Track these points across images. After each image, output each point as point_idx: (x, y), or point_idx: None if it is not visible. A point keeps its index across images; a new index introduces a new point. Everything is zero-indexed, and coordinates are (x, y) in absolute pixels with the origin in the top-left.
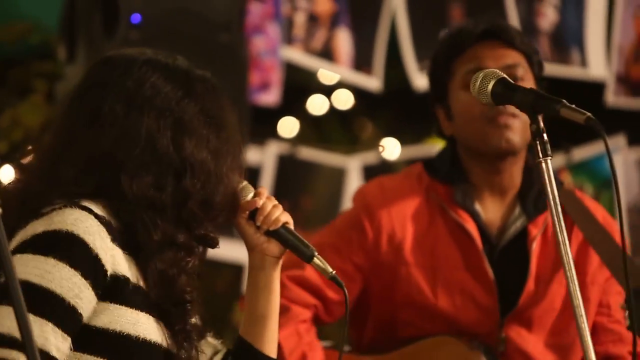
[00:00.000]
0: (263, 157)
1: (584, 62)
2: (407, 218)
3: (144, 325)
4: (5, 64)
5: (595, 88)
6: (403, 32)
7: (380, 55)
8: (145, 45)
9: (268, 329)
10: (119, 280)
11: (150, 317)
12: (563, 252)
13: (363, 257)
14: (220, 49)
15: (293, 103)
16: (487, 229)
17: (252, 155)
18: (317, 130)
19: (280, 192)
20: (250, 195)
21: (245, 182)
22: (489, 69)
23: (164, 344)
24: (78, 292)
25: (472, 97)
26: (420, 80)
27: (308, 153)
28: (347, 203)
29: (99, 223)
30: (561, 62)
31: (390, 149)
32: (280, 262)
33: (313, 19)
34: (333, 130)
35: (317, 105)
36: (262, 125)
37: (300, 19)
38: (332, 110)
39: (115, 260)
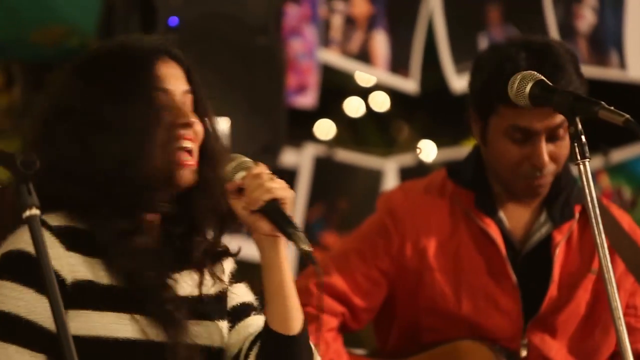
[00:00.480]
0: (300, 159)
1: (622, 64)
2: (431, 224)
3: (115, 325)
4: (43, 67)
5: (634, 90)
6: (440, 34)
7: (417, 58)
8: (182, 49)
9: (281, 307)
10: (82, 286)
11: (123, 314)
12: (602, 254)
13: (388, 263)
14: (258, 52)
15: (330, 105)
16: (510, 235)
17: (289, 157)
18: (353, 133)
19: (317, 194)
20: (241, 174)
21: (240, 159)
22: (527, 72)
23: (143, 336)
24: (33, 308)
25: (513, 148)
26: (457, 83)
27: (345, 155)
28: None
29: (50, 234)
30: (599, 64)
31: (427, 151)
32: (280, 240)
33: (350, 22)
34: (370, 133)
35: (353, 107)
36: (299, 128)
37: (337, 21)
38: (369, 112)
39: (74, 268)
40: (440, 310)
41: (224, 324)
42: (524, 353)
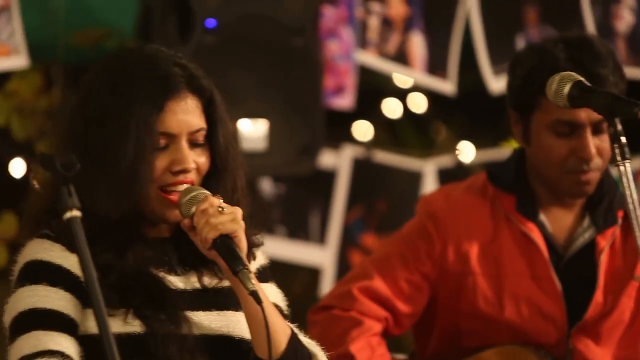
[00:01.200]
0: (338, 160)
1: None
2: (472, 227)
3: (114, 322)
4: (82, 69)
5: None
6: (477, 35)
7: (454, 59)
8: (220, 50)
9: (258, 335)
10: None
11: (120, 309)
12: None
13: (430, 267)
14: (295, 53)
15: (367, 106)
16: (553, 240)
17: (328, 158)
18: (391, 134)
19: (356, 196)
20: (193, 209)
21: (193, 192)
22: (566, 72)
23: (147, 329)
24: (58, 301)
25: (559, 142)
26: (494, 84)
27: (383, 156)
28: None
29: (51, 242)
30: (638, 64)
31: (466, 152)
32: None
33: (387, 23)
34: (408, 134)
35: (391, 108)
36: (337, 129)
37: (374, 22)
38: (407, 113)
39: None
40: (482, 315)
41: None
42: (568, 359)
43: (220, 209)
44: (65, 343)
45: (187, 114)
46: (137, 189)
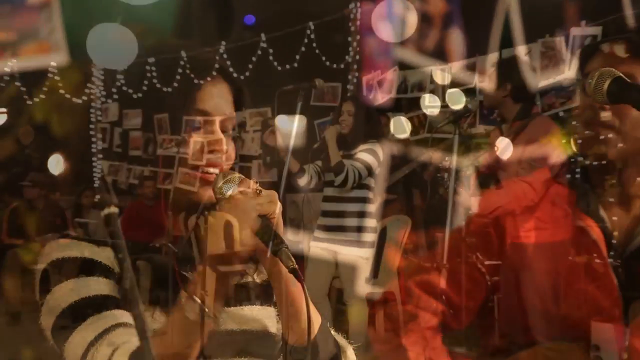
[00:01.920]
0: (376, 156)
1: None
2: (531, 223)
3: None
4: None
5: None
6: (516, 32)
7: (492, 55)
8: (258, 46)
9: (284, 316)
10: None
11: (148, 307)
12: None
13: (488, 262)
14: (333, 49)
15: (405, 102)
16: (612, 237)
17: (365, 154)
18: (429, 130)
19: (394, 192)
20: (230, 191)
21: (229, 175)
22: (606, 68)
23: None
24: (106, 287)
25: (583, 98)
26: (534, 80)
27: (421, 152)
28: (461, 203)
29: (77, 241)
30: None
31: (504, 148)
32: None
33: (426, 19)
34: (446, 130)
35: (429, 104)
36: (375, 125)
37: (413, 19)
38: (445, 109)
39: (113, 260)
40: (539, 311)
41: (272, 310)
42: (625, 357)
43: (257, 191)
44: (125, 315)
45: (222, 98)
46: (174, 166)
